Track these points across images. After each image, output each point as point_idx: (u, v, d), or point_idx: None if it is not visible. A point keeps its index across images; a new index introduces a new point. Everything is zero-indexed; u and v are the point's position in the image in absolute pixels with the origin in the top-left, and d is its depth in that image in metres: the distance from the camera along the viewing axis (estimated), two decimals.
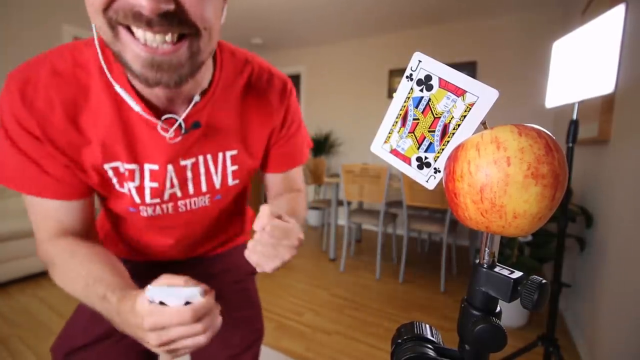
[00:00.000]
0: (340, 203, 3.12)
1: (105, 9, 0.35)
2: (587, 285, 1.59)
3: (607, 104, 1.50)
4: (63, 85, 0.44)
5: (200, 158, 0.54)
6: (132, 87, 0.46)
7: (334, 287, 2.26)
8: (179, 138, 0.49)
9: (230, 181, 0.59)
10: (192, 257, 0.70)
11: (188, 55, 0.40)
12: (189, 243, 0.65)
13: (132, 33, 0.37)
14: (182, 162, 0.52)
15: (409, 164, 0.28)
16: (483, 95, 0.23)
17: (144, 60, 0.37)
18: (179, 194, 0.55)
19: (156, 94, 0.46)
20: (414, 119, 0.27)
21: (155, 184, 0.52)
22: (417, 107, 0.26)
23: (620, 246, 1.26)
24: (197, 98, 0.48)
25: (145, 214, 0.55)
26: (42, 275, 2.27)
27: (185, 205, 0.57)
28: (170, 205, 0.55)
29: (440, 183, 0.27)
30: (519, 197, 0.20)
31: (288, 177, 0.68)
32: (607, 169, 1.50)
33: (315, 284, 2.32)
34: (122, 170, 0.50)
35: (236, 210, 0.71)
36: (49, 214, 0.50)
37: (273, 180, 0.68)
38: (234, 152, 0.57)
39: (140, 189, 0.52)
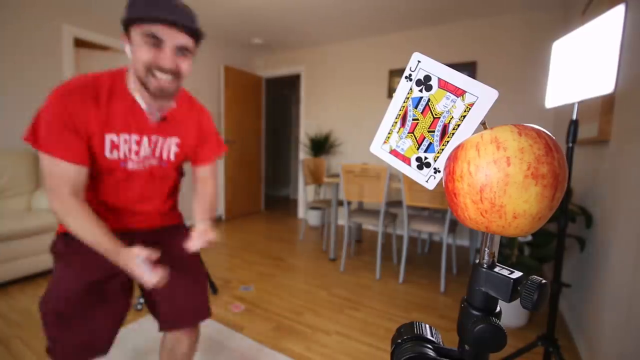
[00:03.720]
0: (340, 203, 3.12)
1: (148, 67, 0.78)
2: (587, 285, 1.59)
3: (607, 104, 1.50)
4: (87, 92, 0.80)
5: (161, 137, 0.92)
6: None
7: (334, 287, 2.26)
8: (154, 122, 0.90)
9: (172, 157, 0.97)
10: (149, 228, 1.02)
11: (175, 86, 0.85)
12: (145, 197, 0.97)
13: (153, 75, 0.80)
14: (152, 137, 0.90)
15: (409, 164, 0.28)
16: (483, 96, 0.23)
17: (157, 88, 0.81)
18: (144, 153, 0.90)
19: (148, 101, 0.87)
20: (413, 119, 0.27)
21: (136, 147, 0.88)
22: (416, 107, 0.26)
23: (620, 246, 1.26)
24: (173, 104, 0.95)
25: (129, 166, 0.89)
26: (42, 276, 2.27)
27: (148, 160, 0.92)
28: (141, 161, 0.91)
29: (440, 183, 0.27)
30: (519, 197, 0.20)
31: (203, 170, 1.08)
32: (607, 169, 1.50)
33: (315, 284, 2.31)
34: (115, 140, 0.84)
35: (173, 183, 1.06)
36: (70, 176, 0.79)
37: (196, 170, 1.09)
38: (178, 140, 0.96)
39: (129, 150, 0.87)
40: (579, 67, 1.10)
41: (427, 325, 0.30)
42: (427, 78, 0.25)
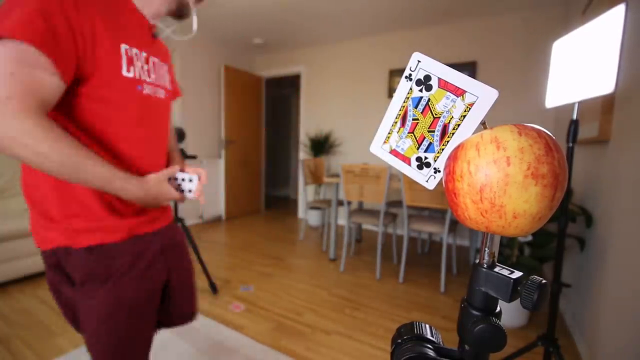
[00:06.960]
0: (340, 203, 3.12)
1: None
2: (587, 285, 1.59)
3: (607, 104, 1.50)
4: None
5: (159, 59, 0.75)
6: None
7: (334, 287, 2.26)
8: (153, 36, 0.74)
9: (168, 86, 0.79)
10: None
11: None
12: (153, 145, 0.76)
13: None
14: (152, 58, 0.71)
15: (409, 164, 0.28)
16: (483, 95, 0.23)
17: None
18: (151, 77, 0.71)
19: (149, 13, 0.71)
20: (413, 119, 0.27)
21: (147, 65, 0.69)
22: (416, 107, 0.26)
23: (620, 246, 1.26)
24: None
25: (146, 91, 0.68)
26: (42, 275, 2.27)
27: (155, 92, 0.72)
28: (150, 87, 0.70)
29: (440, 183, 0.27)
30: (519, 197, 0.20)
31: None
32: (607, 169, 1.50)
33: (315, 284, 2.31)
34: (129, 52, 0.64)
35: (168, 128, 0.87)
36: (44, 86, 0.52)
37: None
38: (167, 66, 0.79)
39: (142, 69, 0.68)
40: (579, 67, 1.10)
41: (427, 325, 0.30)
42: (427, 78, 0.25)
